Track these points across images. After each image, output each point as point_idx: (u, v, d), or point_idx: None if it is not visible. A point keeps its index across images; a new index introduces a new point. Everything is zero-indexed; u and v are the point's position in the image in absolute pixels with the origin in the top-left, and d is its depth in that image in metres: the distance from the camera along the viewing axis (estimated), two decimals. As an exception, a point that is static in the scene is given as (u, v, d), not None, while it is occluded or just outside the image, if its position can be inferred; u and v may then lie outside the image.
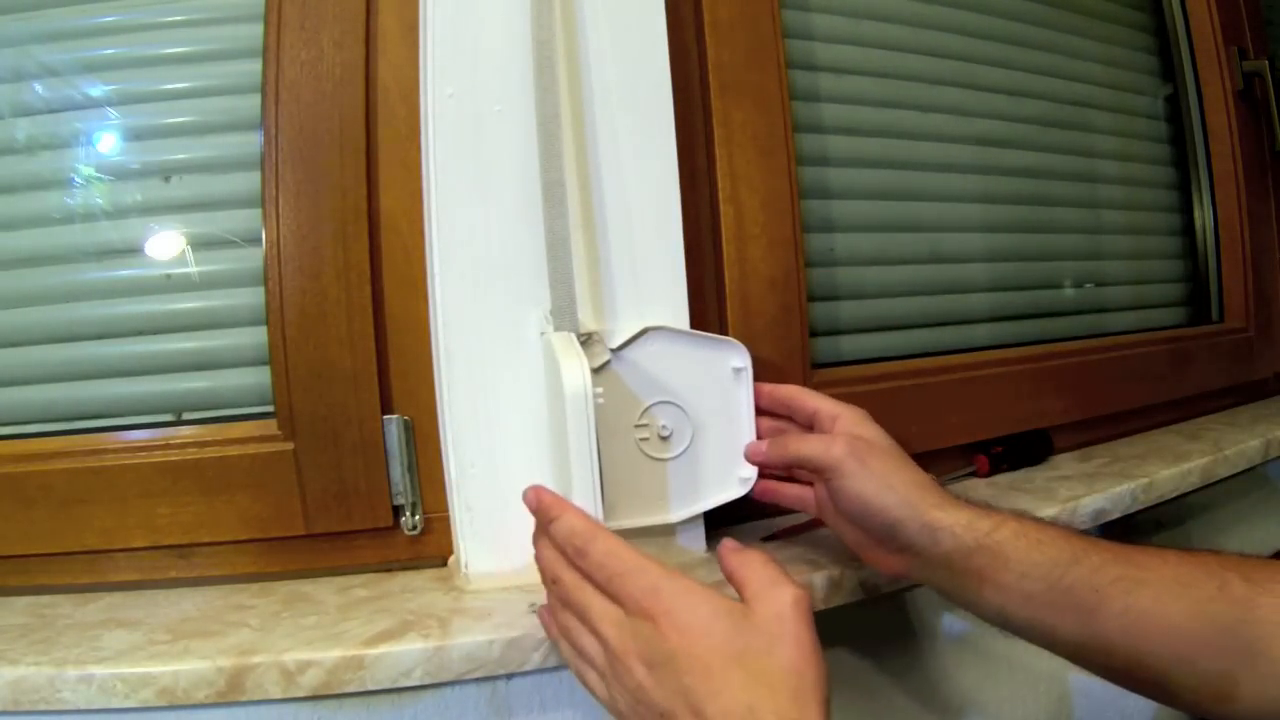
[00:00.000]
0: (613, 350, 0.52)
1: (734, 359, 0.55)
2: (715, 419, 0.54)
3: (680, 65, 0.57)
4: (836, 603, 0.54)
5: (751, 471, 0.55)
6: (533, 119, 0.52)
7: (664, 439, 0.54)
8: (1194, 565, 0.40)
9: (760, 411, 0.55)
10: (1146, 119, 0.99)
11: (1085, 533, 0.46)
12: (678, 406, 0.54)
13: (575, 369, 0.45)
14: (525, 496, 0.43)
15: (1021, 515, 0.46)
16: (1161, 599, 0.40)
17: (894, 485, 0.46)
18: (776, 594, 0.38)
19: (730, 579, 0.40)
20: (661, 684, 0.36)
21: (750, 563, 0.40)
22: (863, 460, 0.47)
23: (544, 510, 0.42)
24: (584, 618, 0.40)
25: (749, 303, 0.63)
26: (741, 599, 0.39)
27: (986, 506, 0.46)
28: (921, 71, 0.79)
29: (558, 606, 0.43)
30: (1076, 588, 0.41)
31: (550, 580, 0.42)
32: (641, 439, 0.53)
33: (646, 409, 0.53)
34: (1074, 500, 0.65)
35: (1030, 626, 0.43)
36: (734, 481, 0.55)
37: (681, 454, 0.54)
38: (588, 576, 0.40)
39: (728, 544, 0.42)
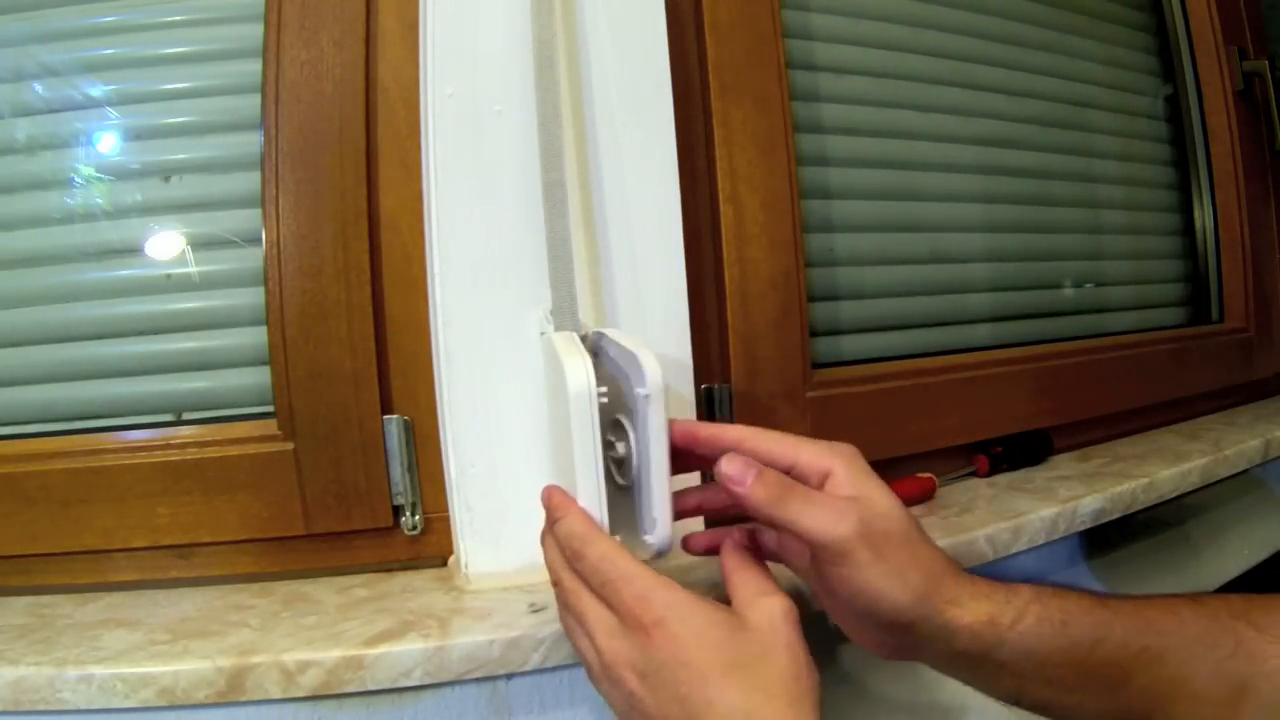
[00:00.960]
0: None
1: (637, 382, 0.41)
2: (648, 454, 0.42)
3: (680, 65, 0.57)
4: (836, 603, 0.54)
5: (660, 540, 0.42)
6: (533, 119, 0.52)
7: (618, 463, 0.44)
8: (1209, 620, 0.40)
9: (701, 458, 0.43)
10: (1147, 119, 0.99)
11: (1088, 531, 0.45)
12: (628, 430, 0.43)
13: (579, 368, 0.45)
14: (541, 494, 0.43)
15: (1040, 592, 0.41)
16: (1185, 664, 0.39)
17: (909, 578, 0.39)
18: (767, 604, 0.38)
19: (725, 579, 0.40)
20: (654, 693, 0.36)
21: (746, 568, 0.40)
22: (878, 549, 0.38)
23: (551, 509, 0.42)
24: (581, 622, 0.40)
25: (749, 303, 0.63)
26: (731, 603, 0.39)
27: (1004, 586, 0.41)
28: (921, 71, 0.79)
29: (561, 608, 0.43)
30: (1102, 668, 0.40)
31: (554, 582, 0.42)
32: (613, 457, 0.44)
33: (611, 424, 0.44)
34: (1074, 500, 0.65)
35: (1048, 705, 0.42)
36: (640, 543, 0.43)
37: (629, 487, 0.44)
38: (584, 580, 0.40)
39: (734, 539, 0.42)
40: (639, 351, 0.41)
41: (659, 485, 0.41)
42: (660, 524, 0.42)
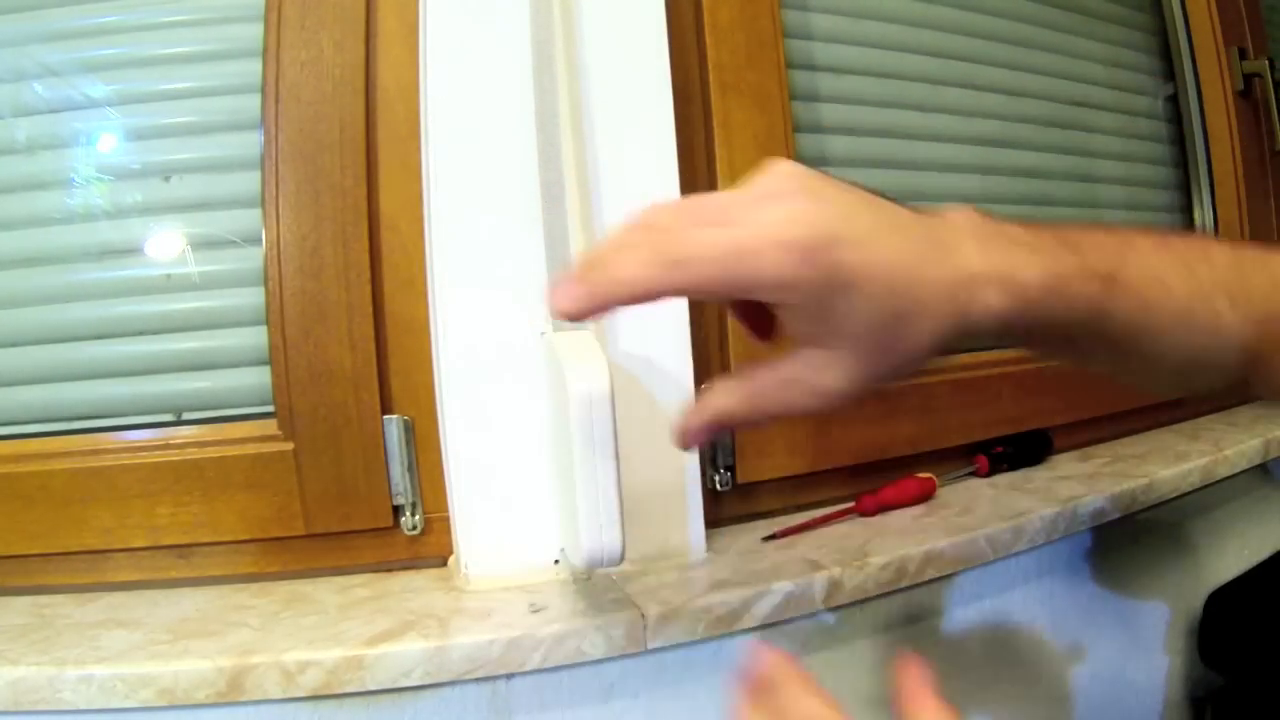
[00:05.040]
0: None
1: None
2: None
3: (680, 65, 0.57)
4: (837, 603, 0.54)
5: (590, 553, 0.39)
6: (532, 119, 0.52)
7: None
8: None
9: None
10: (1147, 119, 0.99)
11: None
12: None
13: (581, 369, 0.45)
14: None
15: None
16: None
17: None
18: None
19: (901, 706, 0.36)
20: None
21: (923, 691, 0.36)
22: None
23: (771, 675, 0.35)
24: None
25: (749, 303, 0.63)
26: None
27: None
28: (922, 72, 0.79)
29: None
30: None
31: None
32: None
33: None
34: (1074, 500, 0.65)
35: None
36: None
37: None
38: None
39: (913, 673, 0.37)
40: (584, 359, 0.39)
41: (604, 494, 0.38)
42: (592, 535, 0.38)
